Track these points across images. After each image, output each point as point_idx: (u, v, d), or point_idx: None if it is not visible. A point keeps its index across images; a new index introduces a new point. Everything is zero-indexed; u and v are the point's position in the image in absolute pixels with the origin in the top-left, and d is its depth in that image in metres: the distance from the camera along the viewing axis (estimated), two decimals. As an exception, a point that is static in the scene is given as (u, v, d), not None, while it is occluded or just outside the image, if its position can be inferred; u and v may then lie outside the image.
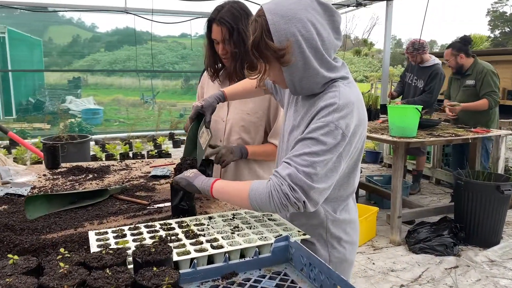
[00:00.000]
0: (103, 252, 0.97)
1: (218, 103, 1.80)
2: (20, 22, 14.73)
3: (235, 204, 1.47)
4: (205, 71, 2.15)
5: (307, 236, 1.31)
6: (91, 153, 6.50)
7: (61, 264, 0.88)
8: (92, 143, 7.89)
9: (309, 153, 1.23)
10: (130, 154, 7.02)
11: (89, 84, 19.24)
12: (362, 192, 5.38)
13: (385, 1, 6.95)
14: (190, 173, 1.49)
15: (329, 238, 1.48)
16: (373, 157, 7.41)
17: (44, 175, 2.24)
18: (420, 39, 5.08)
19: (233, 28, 1.86)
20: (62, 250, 0.97)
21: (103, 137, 9.07)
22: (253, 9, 1.37)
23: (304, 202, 1.22)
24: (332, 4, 1.41)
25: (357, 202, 1.65)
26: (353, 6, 7.63)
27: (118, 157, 6.74)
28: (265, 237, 1.27)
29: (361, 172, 1.50)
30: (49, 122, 10.10)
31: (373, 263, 3.64)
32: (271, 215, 1.47)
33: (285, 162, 1.27)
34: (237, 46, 1.88)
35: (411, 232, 4.04)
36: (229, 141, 2.04)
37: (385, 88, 7.24)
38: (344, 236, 1.50)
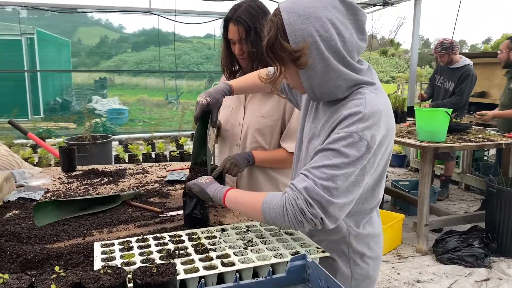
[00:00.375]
0: (101, 271, 0.89)
1: (224, 97, 1.66)
2: (50, 23, 15.08)
3: (248, 216, 1.38)
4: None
5: (327, 254, 1.20)
6: (114, 153, 6.53)
7: (53, 287, 0.80)
8: (115, 143, 7.95)
9: (329, 166, 1.13)
10: (153, 155, 7.01)
11: (115, 84, 19.56)
12: (387, 197, 5.20)
13: (413, 0, 6.73)
14: (204, 180, 1.41)
15: (352, 254, 1.36)
16: (399, 160, 7.19)
17: (59, 178, 2.20)
18: (450, 39, 4.87)
19: (250, 27, 1.79)
20: (57, 268, 0.90)
21: (126, 137, 9.13)
22: (273, 8, 1.27)
23: (321, 218, 1.12)
24: (357, 4, 1.29)
25: (381, 208, 1.53)
26: (380, 5, 7.43)
27: (140, 157, 6.74)
28: (281, 254, 1.17)
29: (386, 177, 1.38)
30: (75, 121, 10.27)
31: (398, 273, 3.49)
32: (288, 228, 1.37)
33: (302, 174, 1.17)
34: (254, 46, 1.80)
35: (438, 241, 3.85)
36: (245, 145, 1.95)
37: (413, 89, 7.02)
38: (368, 252, 1.39)
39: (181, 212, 1.68)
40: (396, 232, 3.98)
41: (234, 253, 1.18)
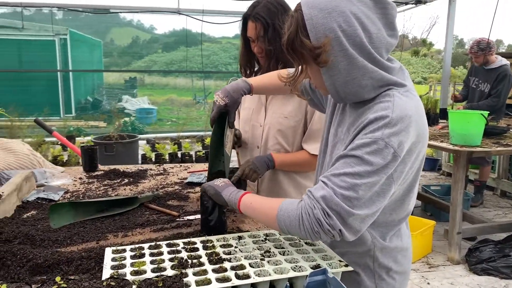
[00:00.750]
0: (105, 283, 0.84)
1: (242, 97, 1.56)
2: (83, 24, 15.46)
3: (263, 224, 1.30)
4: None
5: (350, 268, 1.11)
6: (142, 152, 6.59)
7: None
8: (143, 142, 8.03)
9: (351, 174, 1.04)
10: (179, 154, 7.05)
11: (145, 84, 19.87)
12: (417, 202, 5.01)
13: (448, -2, 6.49)
14: (220, 182, 1.35)
15: (377, 268, 1.26)
16: (430, 164, 6.94)
17: (80, 178, 2.19)
18: (487, 39, 4.64)
19: (268, 24, 1.72)
20: (58, 279, 0.85)
21: (154, 137, 9.23)
22: (294, 5, 1.19)
23: (340, 230, 1.04)
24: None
25: (411, 214, 1.41)
26: (412, 4, 7.20)
27: (166, 157, 6.78)
28: (300, 267, 1.09)
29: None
30: (105, 120, 10.45)
31: (428, 283, 3.33)
32: (309, 238, 1.29)
33: (321, 181, 1.08)
34: (272, 43, 1.73)
35: (472, 250, 3.67)
36: (266, 147, 1.88)
37: (446, 90, 6.77)
38: (394, 266, 1.28)
39: (198, 216, 1.62)
40: (427, 239, 3.81)
41: (250, 264, 1.10)
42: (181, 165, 2.54)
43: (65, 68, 11.88)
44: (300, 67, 1.16)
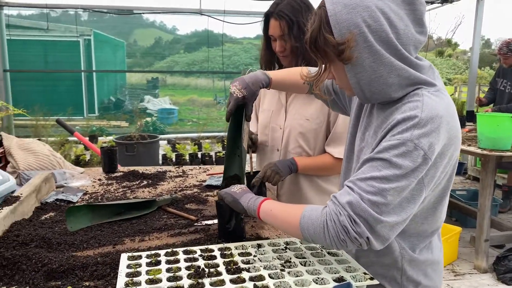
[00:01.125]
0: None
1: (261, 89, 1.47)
2: (107, 25, 15.71)
3: (285, 232, 1.24)
4: None
5: (375, 282, 1.05)
6: (162, 152, 6.61)
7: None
8: (164, 142, 8.07)
9: (378, 178, 0.98)
10: (199, 155, 7.05)
11: (167, 85, 20.06)
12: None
13: (476, -3, 6.30)
14: (238, 189, 1.30)
15: (405, 282, 1.19)
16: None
17: (99, 179, 2.18)
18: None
19: (292, 21, 1.67)
20: (69, 289, 0.81)
21: (175, 137, 9.27)
22: (316, 3, 1.14)
23: (368, 238, 0.98)
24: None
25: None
26: (438, 3, 7.02)
27: (187, 157, 6.79)
28: (322, 279, 1.03)
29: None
30: (127, 120, 10.57)
31: (454, 292, 3.22)
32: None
33: (347, 186, 1.03)
34: (298, 40, 1.68)
35: (500, 259, 3.51)
36: (287, 151, 1.83)
37: (472, 92, 6.57)
38: (424, 280, 1.20)
39: (216, 221, 1.58)
40: (452, 246, 3.68)
41: (269, 275, 1.05)
42: (200, 167, 2.50)
43: (88, 68, 12.08)
44: (323, 65, 1.11)
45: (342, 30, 1.00)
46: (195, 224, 1.57)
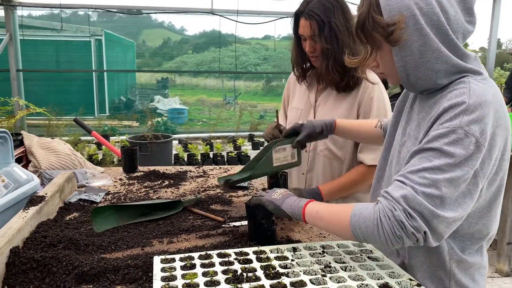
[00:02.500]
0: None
1: (322, 131, 1.51)
2: (117, 25, 15.77)
3: (332, 233, 1.19)
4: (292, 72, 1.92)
5: (422, 288, 0.99)
6: (174, 152, 6.59)
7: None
8: (175, 142, 8.05)
9: (430, 169, 0.94)
10: (211, 155, 7.02)
11: (176, 85, 20.09)
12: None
13: (492, -4, 6.21)
14: (278, 195, 1.25)
15: (453, 285, 1.13)
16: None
17: (120, 179, 2.15)
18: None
19: (323, 22, 1.59)
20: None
21: (186, 137, 9.25)
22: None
23: (425, 232, 0.93)
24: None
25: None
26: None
27: (199, 157, 6.77)
28: (366, 286, 0.98)
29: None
30: (138, 120, 10.57)
31: (476, 296, 3.14)
32: (372, 252, 1.18)
33: (398, 180, 0.99)
34: (329, 42, 1.61)
35: (523, 262, 3.44)
36: (315, 152, 1.78)
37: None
38: (472, 285, 1.15)
39: (245, 222, 1.54)
40: (473, 249, 3.60)
41: (310, 280, 1.01)
42: (220, 167, 2.46)
43: (99, 68, 12.11)
44: (370, 51, 1.09)
45: (392, 11, 1.00)
46: (223, 225, 1.53)
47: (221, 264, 1.10)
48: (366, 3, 1.04)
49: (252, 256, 1.15)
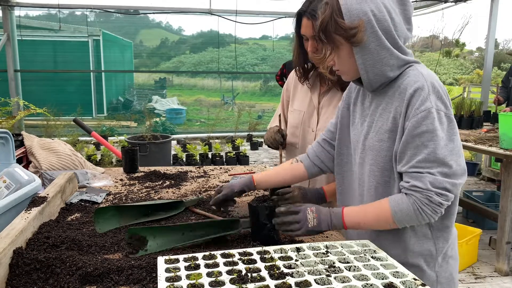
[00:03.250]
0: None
1: (242, 191, 1.55)
2: (114, 26, 15.74)
3: (373, 229, 1.33)
4: (293, 72, 1.92)
5: (427, 288, 1.00)
6: (173, 152, 6.59)
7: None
8: (174, 142, 8.05)
9: (431, 152, 1.14)
10: (209, 155, 7.02)
11: (174, 85, 20.07)
12: (459, 208, 4.78)
13: (490, -4, 6.22)
14: (314, 222, 1.26)
15: (439, 257, 1.32)
16: (469, 168, 6.65)
17: (121, 179, 2.14)
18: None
19: None
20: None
21: (184, 137, 9.25)
22: None
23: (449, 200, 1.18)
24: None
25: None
26: (451, 2, 6.94)
27: (197, 157, 6.76)
28: (371, 286, 0.99)
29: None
30: (136, 120, 10.56)
31: (476, 295, 3.15)
32: (375, 252, 1.18)
33: (413, 172, 1.17)
34: None
35: (522, 262, 3.46)
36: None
37: (486, 92, 6.48)
38: (449, 250, 1.34)
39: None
40: (472, 248, 3.62)
41: (315, 280, 1.00)
42: (221, 167, 2.46)
43: (97, 68, 12.09)
44: (330, 49, 1.25)
45: (352, 17, 1.17)
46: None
47: (225, 264, 1.10)
48: (328, 9, 1.19)
49: (256, 256, 1.14)
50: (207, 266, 1.09)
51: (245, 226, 1.39)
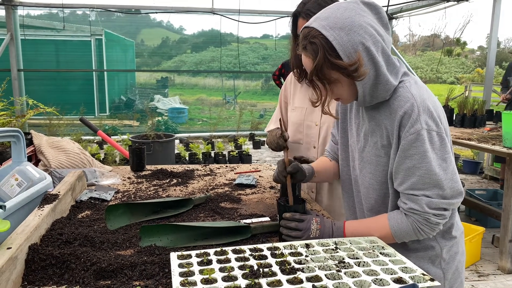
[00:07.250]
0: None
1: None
2: (115, 25, 15.75)
3: None
4: (291, 72, 1.94)
5: (436, 283, 1.02)
6: (176, 151, 6.61)
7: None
8: (176, 141, 8.07)
9: (424, 174, 1.15)
10: (212, 154, 7.04)
11: (176, 84, 20.09)
12: (461, 206, 4.81)
13: (492, -5, 6.23)
14: (315, 229, 1.29)
15: (444, 254, 1.34)
16: (472, 167, 6.68)
17: (129, 177, 2.16)
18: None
19: None
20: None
21: (187, 136, 9.27)
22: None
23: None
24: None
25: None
26: (453, 1, 6.95)
27: (200, 156, 6.79)
28: (381, 281, 1.01)
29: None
30: (138, 119, 10.58)
31: (479, 293, 3.17)
32: (383, 248, 1.20)
33: (409, 194, 1.20)
34: None
35: (525, 260, 3.47)
36: (324, 147, 1.81)
37: (489, 91, 6.48)
38: (455, 247, 1.37)
39: (256, 220, 1.57)
40: (475, 246, 3.63)
41: (326, 275, 1.03)
42: (227, 166, 2.49)
43: (100, 68, 12.11)
44: (326, 89, 1.19)
45: (348, 51, 1.10)
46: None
47: (236, 260, 1.12)
48: (320, 50, 1.10)
49: (267, 252, 1.17)
50: (219, 261, 1.12)
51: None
